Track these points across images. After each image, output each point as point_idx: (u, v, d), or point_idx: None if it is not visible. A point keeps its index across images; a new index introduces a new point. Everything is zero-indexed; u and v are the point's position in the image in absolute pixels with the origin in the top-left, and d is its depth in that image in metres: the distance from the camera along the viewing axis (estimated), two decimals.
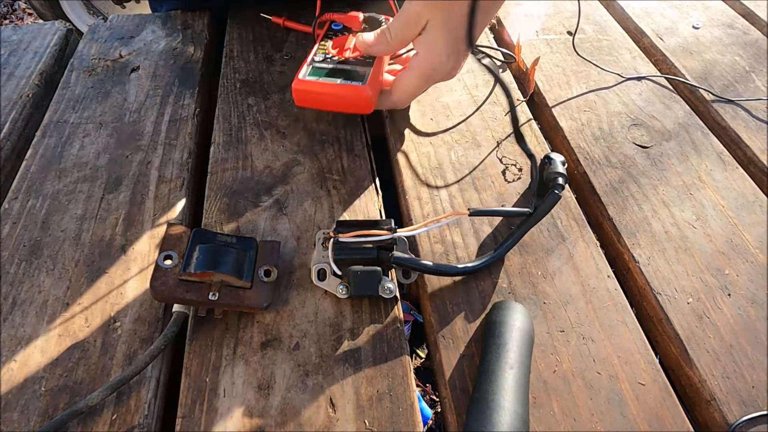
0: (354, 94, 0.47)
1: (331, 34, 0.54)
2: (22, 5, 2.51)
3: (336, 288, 0.39)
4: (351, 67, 0.49)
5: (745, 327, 0.39)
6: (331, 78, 0.47)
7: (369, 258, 0.39)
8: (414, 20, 0.45)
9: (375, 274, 0.38)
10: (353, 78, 0.47)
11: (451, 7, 0.43)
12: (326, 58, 0.50)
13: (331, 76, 0.48)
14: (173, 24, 0.67)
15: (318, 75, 0.48)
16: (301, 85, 0.47)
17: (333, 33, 0.54)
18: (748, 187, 0.48)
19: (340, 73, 0.48)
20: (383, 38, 0.47)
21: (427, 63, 0.46)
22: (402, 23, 0.46)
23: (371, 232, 0.38)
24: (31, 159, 0.50)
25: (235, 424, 0.33)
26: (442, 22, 0.44)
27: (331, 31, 0.54)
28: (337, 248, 0.39)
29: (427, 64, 0.46)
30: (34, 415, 0.33)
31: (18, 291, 0.40)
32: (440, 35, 0.45)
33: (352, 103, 0.48)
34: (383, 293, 0.38)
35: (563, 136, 0.54)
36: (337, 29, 0.55)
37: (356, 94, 0.46)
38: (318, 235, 0.42)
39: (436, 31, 0.45)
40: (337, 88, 0.47)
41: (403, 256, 0.39)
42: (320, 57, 0.50)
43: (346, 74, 0.48)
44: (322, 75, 0.48)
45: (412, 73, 0.47)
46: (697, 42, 0.65)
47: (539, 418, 0.34)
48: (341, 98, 0.47)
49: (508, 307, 0.37)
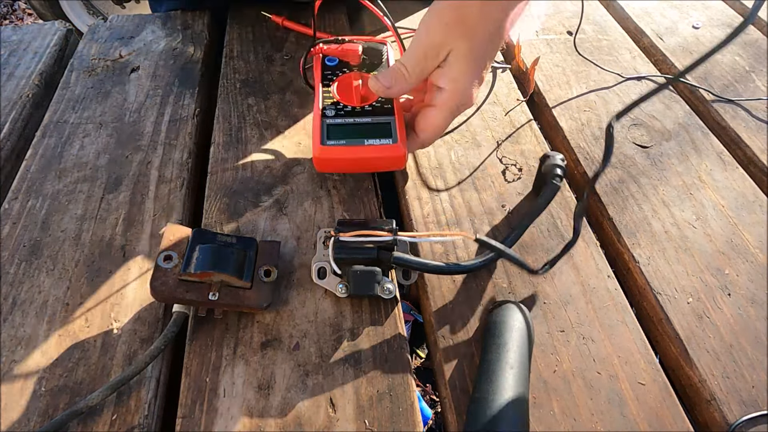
0: (387, 155, 0.42)
1: (329, 74, 0.48)
2: (22, 5, 2.51)
3: (335, 287, 0.39)
4: (371, 119, 0.44)
5: (745, 327, 0.39)
6: (355, 139, 0.43)
7: (369, 258, 0.38)
8: (434, 53, 0.41)
9: (374, 274, 0.38)
10: (379, 134, 0.43)
11: (475, 34, 0.39)
12: (338, 112, 0.45)
13: (354, 136, 0.43)
14: (173, 24, 0.67)
15: (339, 138, 0.43)
16: (324, 153, 0.42)
17: (331, 72, 0.48)
18: (748, 187, 0.48)
19: (363, 130, 0.43)
20: (400, 77, 0.43)
21: (454, 98, 0.42)
22: (420, 56, 0.42)
23: (372, 232, 0.38)
24: (31, 159, 0.50)
25: (235, 424, 0.33)
26: (467, 51, 0.40)
27: (328, 70, 0.48)
28: (337, 247, 0.38)
29: (454, 99, 0.42)
30: (34, 415, 0.33)
31: (18, 291, 0.40)
32: (466, 66, 0.41)
33: (385, 164, 0.44)
34: (382, 294, 0.38)
35: (563, 136, 0.54)
36: (333, 65, 0.49)
37: (390, 156, 0.42)
38: (319, 233, 0.42)
39: (461, 62, 0.40)
40: (367, 151, 0.42)
41: (403, 257, 0.39)
42: (331, 111, 0.44)
43: (370, 130, 0.43)
44: (343, 137, 0.43)
45: (440, 112, 0.43)
46: (697, 42, 0.65)
47: (539, 418, 0.34)
48: (372, 161, 0.43)
49: (508, 307, 0.37)
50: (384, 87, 0.43)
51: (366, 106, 0.45)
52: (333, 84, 0.47)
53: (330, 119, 0.44)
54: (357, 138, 0.43)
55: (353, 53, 0.47)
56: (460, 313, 0.39)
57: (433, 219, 0.45)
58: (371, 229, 0.38)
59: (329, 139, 0.42)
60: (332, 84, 0.47)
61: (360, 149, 0.42)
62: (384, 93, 0.44)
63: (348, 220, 0.43)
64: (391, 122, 0.44)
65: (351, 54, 0.47)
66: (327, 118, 0.44)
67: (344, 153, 0.42)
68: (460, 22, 0.39)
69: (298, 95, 0.56)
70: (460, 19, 0.39)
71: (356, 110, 0.45)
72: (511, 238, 0.42)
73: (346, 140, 0.42)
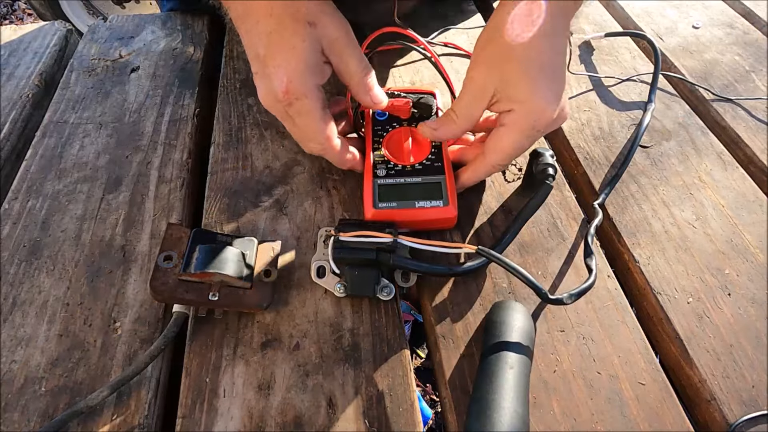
0: (439, 217, 0.42)
1: (379, 129, 0.47)
2: (22, 5, 2.51)
3: (334, 286, 0.39)
4: (421, 179, 0.43)
5: (745, 327, 0.39)
6: (406, 201, 0.42)
7: (369, 259, 0.38)
8: (480, 94, 0.40)
9: (372, 276, 0.38)
10: (430, 196, 0.43)
11: (524, 51, 0.37)
12: (389, 171, 0.44)
13: (405, 198, 0.42)
14: (173, 24, 0.67)
15: (390, 200, 0.42)
16: (376, 216, 0.42)
17: (381, 128, 0.47)
18: (748, 186, 0.48)
19: (414, 191, 0.43)
20: (448, 120, 0.42)
21: (526, 118, 0.39)
22: (467, 100, 0.41)
23: (373, 233, 0.38)
24: (31, 159, 0.50)
25: (235, 424, 0.33)
26: (520, 71, 0.38)
27: (378, 125, 0.48)
28: (337, 246, 0.38)
29: (527, 119, 0.39)
30: (35, 416, 0.33)
31: (18, 291, 0.40)
32: (526, 85, 0.38)
33: (435, 225, 0.44)
34: (381, 295, 0.38)
35: (563, 135, 0.54)
36: (382, 119, 0.48)
37: (441, 217, 0.42)
38: (320, 232, 0.42)
39: (520, 84, 0.38)
40: (418, 214, 0.42)
41: (403, 259, 0.38)
42: (382, 171, 0.44)
43: (421, 191, 0.43)
44: (394, 199, 0.42)
45: (509, 133, 0.40)
46: (697, 42, 0.65)
47: (539, 418, 0.34)
48: (423, 223, 0.43)
49: (508, 307, 0.37)
50: (431, 129, 0.43)
51: (416, 164, 0.45)
52: (383, 140, 0.46)
53: (381, 179, 0.44)
54: (408, 200, 0.43)
55: (404, 108, 0.47)
56: (460, 313, 0.39)
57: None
58: (372, 230, 0.38)
59: (381, 201, 0.42)
60: (383, 140, 0.46)
61: (411, 212, 0.42)
62: (431, 135, 0.44)
63: (350, 220, 0.43)
64: (441, 182, 0.43)
65: (401, 109, 0.47)
66: (378, 178, 0.44)
67: (395, 215, 0.42)
68: (497, 50, 0.38)
69: None
70: (496, 46, 0.38)
71: (406, 169, 0.44)
72: (504, 241, 0.41)
73: (397, 202, 0.42)
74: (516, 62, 0.38)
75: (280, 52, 0.38)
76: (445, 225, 0.44)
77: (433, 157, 0.45)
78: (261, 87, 0.40)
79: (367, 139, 0.47)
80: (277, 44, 0.38)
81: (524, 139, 0.40)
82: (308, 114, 0.40)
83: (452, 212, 0.42)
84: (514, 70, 0.38)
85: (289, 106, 0.39)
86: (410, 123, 0.48)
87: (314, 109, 0.40)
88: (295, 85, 0.38)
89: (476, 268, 0.40)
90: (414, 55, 0.61)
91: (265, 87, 0.39)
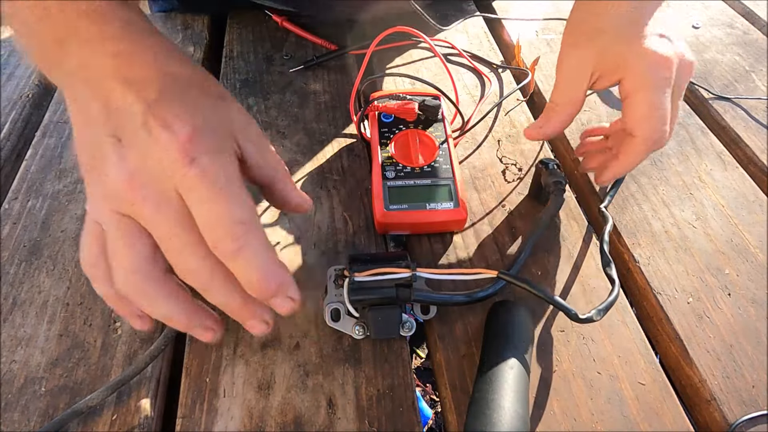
0: (448, 220, 0.43)
1: (386, 131, 0.48)
2: None
3: (352, 329, 0.37)
4: (431, 181, 0.44)
5: (745, 327, 0.39)
6: (417, 203, 0.43)
7: (387, 297, 0.36)
8: (575, 74, 0.39)
9: (395, 315, 0.36)
10: (440, 198, 0.43)
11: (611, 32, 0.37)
12: (398, 173, 0.45)
13: (416, 200, 0.43)
14: (173, 24, 0.67)
15: (401, 202, 0.43)
16: (388, 218, 0.42)
17: (387, 130, 0.48)
18: (748, 186, 0.48)
19: (424, 193, 0.43)
20: (550, 111, 0.41)
21: (644, 73, 0.37)
22: (564, 83, 0.40)
23: (390, 270, 0.35)
24: (31, 159, 0.50)
25: (235, 424, 0.33)
26: (637, 51, 0.37)
27: (384, 127, 0.48)
28: (354, 288, 0.35)
29: (644, 74, 0.37)
30: (35, 416, 0.33)
31: (18, 291, 0.40)
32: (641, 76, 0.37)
33: (445, 227, 0.44)
34: (403, 332, 0.37)
35: (563, 135, 0.54)
36: (388, 122, 0.49)
37: (452, 219, 0.43)
38: (330, 271, 0.39)
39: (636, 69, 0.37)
40: (429, 216, 0.42)
41: (423, 293, 0.36)
42: (391, 173, 0.44)
43: (431, 194, 0.43)
44: (405, 201, 0.43)
45: (636, 94, 0.38)
46: (697, 42, 0.65)
47: (539, 418, 0.34)
48: (433, 225, 0.43)
49: (509, 306, 0.37)
50: (538, 129, 0.42)
51: (425, 166, 0.45)
52: (390, 143, 0.47)
53: (391, 181, 0.44)
54: (418, 201, 0.43)
55: (409, 111, 0.48)
56: (460, 313, 0.39)
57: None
58: (387, 265, 0.36)
59: (392, 203, 0.43)
60: (389, 143, 0.47)
61: (422, 214, 0.42)
62: (541, 134, 0.43)
63: (359, 255, 0.40)
64: (450, 184, 0.44)
65: (407, 112, 0.48)
66: (388, 180, 0.44)
67: (406, 218, 0.42)
68: (586, 29, 0.38)
69: (298, 95, 0.56)
70: (584, 25, 0.38)
71: (415, 171, 0.45)
72: (521, 259, 0.40)
73: (408, 204, 0.43)
74: (607, 33, 0.37)
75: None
76: (456, 227, 0.44)
77: (441, 159, 0.46)
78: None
79: (373, 142, 0.47)
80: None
81: (658, 94, 0.37)
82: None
83: (463, 214, 0.42)
84: (608, 39, 0.37)
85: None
86: (416, 125, 0.48)
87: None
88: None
89: (495, 292, 0.38)
90: (414, 55, 0.61)
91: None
